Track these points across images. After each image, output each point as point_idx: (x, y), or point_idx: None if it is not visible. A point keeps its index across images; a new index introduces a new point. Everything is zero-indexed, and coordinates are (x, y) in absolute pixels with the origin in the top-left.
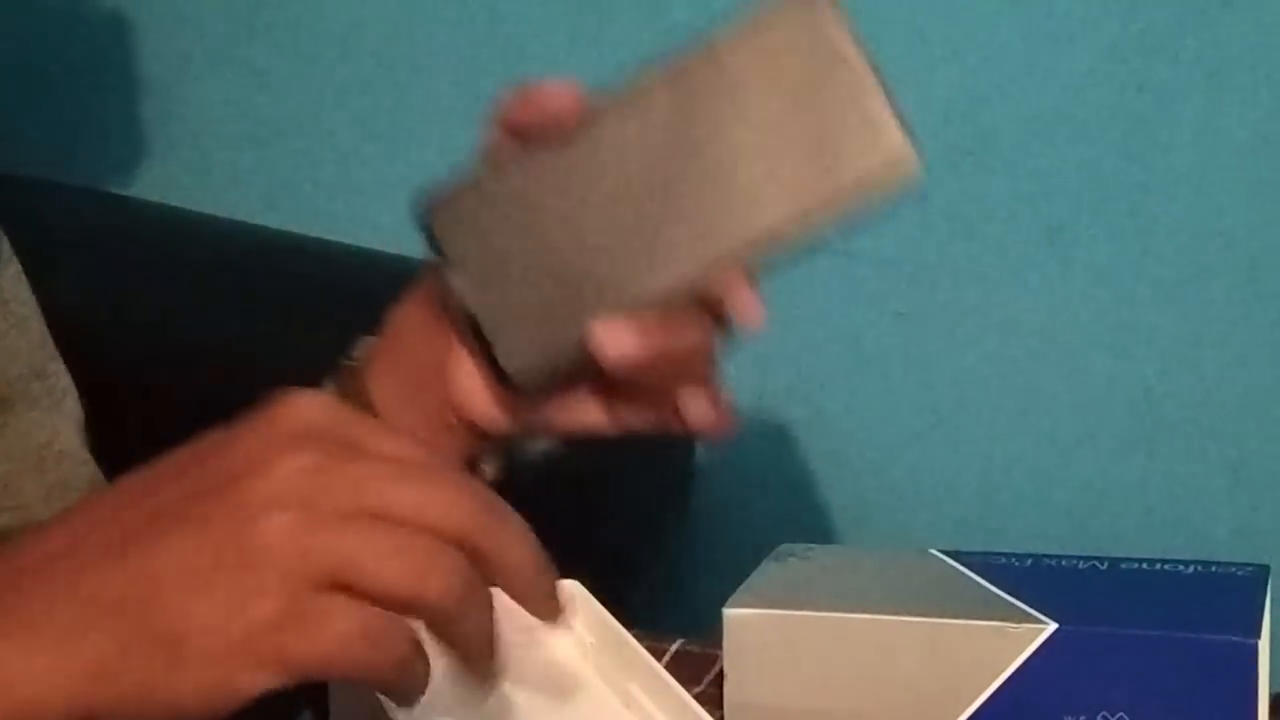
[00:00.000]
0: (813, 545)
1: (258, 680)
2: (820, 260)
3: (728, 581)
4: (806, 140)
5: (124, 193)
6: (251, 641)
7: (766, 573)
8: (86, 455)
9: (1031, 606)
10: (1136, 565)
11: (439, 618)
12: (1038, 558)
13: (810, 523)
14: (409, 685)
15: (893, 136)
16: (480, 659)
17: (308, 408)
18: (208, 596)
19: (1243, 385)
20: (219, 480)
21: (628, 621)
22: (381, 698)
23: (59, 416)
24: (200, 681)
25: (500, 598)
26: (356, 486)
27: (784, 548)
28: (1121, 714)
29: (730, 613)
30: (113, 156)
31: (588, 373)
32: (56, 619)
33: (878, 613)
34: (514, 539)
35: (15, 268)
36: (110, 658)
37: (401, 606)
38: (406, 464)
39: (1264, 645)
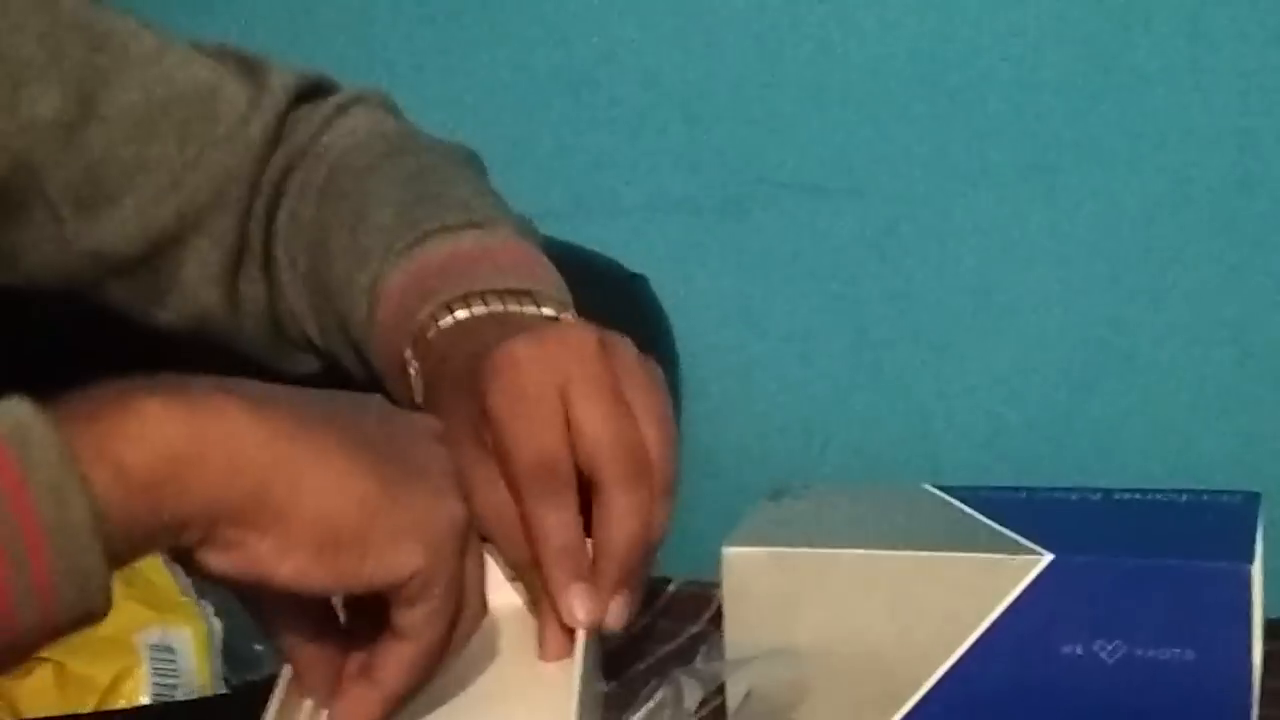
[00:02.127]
0: (808, 483)
1: (413, 561)
2: (802, 197)
3: (725, 521)
4: None
5: None
6: (435, 524)
7: (763, 512)
8: None
9: (1027, 538)
10: (1129, 495)
11: None
12: (1031, 490)
13: (805, 461)
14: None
15: None
16: None
17: None
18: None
19: (1232, 312)
20: None
21: None
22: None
23: None
24: (388, 547)
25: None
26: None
27: (780, 486)
28: (1118, 641)
29: (728, 552)
30: None
31: None
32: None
33: (874, 548)
34: None
35: None
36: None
37: None
38: None
39: (1257, 570)
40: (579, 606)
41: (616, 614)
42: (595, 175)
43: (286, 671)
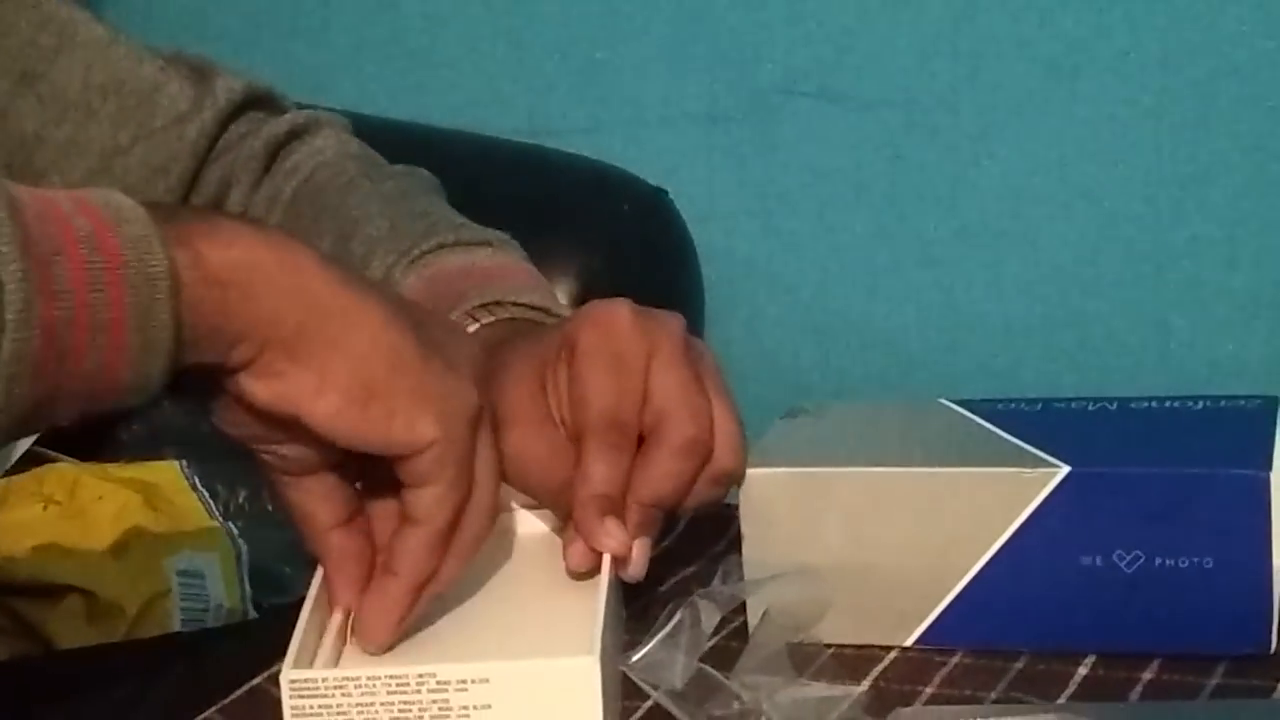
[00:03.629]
0: (823, 402)
1: (430, 431)
2: (813, 105)
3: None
4: None
5: None
6: (454, 401)
7: (779, 431)
8: None
9: (1044, 451)
10: (1146, 404)
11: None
12: (1047, 402)
13: (819, 380)
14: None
15: None
16: None
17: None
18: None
19: (1249, 215)
20: None
21: None
22: None
23: None
24: (411, 411)
25: None
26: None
27: (794, 406)
28: (1137, 552)
29: (746, 473)
30: None
31: None
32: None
33: (891, 466)
34: None
35: None
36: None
37: None
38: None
39: (1276, 476)
40: (608, 534)
41: (638, 559)
42: (614, 90)
43: (313, 591)
